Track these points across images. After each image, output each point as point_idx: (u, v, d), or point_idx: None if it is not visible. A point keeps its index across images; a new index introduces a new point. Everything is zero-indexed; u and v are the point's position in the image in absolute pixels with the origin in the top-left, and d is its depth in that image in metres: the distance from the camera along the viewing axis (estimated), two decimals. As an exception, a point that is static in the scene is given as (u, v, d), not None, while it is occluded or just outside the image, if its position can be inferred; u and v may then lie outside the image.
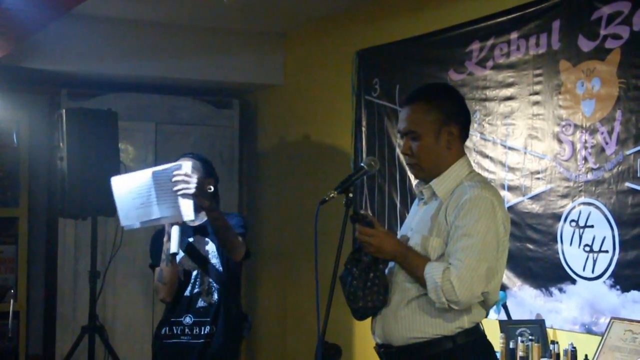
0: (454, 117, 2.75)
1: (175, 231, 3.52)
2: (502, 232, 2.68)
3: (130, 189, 3.47)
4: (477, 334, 2.73)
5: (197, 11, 5.46)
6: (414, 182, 2.91)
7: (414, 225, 2.81)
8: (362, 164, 2.81)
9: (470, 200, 2.63)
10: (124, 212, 3.49)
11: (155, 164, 5.95)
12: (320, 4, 5.26)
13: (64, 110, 4.69)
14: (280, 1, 5.24)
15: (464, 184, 2.71)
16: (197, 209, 3.51)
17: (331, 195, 2.68)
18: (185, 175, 3.42)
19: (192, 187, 3.40)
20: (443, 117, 2.73)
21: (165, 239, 3.58)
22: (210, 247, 3.67)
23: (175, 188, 3.43)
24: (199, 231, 3.70)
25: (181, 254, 3.66)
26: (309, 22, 5.69)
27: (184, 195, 3.42)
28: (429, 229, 2.70)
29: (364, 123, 5.11)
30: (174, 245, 3.52)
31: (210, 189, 3.72)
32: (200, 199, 3.43)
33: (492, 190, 2.73)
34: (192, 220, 3.58)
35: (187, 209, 3.44)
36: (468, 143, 4.26)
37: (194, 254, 3.67)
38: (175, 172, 3.44)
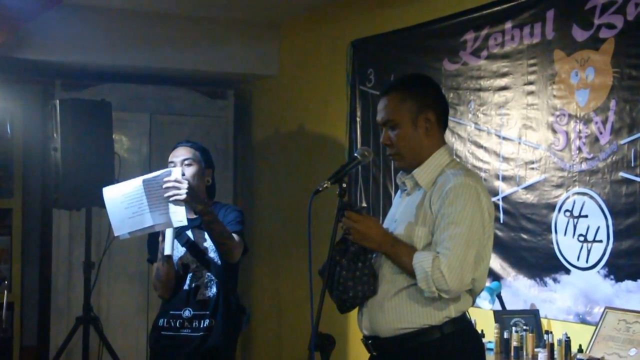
0: (430, 104, 2.77)
1: (169, 233, 3.52)
2: (487, 218, 2.69)
3: (121, 198, 3.46)
4: (463, 322, 2.74)
5: (192, 1, 5.44)
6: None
7: (398, 216, 2.81)
8: (355, 154, 2.81)
9: (455, 188, 2.64)
10: (117, 221, 3.48)
11: (150, 155, 6.01)
12: (314, -6, 5.25)
13: (57, 101, 4.67)
14: (275, -9, 5.23)
15: (447, 172, 2.71)
16: (192, 209, 3.51)
17: (325, 186, 2.68)
18: (176, 181, 3.42)
19: (183, 193, 3.40)
20: (419, 104, 2.75)
21: (160, 238, 3.57)
22: (209, 241, 3.67)
23: (167, 194, 3.42)
24: (198, 225, 3.69)
25: (179, 249, 3.66)
26: (304, 12, 5.67)
27: (176, 202, 3.42)
28: (414, 219, 2.70)
29: (358, 113, 5.11)
30: (167, 247, 3.52)
31: (209, 181, 3.71)
32: (192, 204, 3.43)
33: (475, 178, 2.74)
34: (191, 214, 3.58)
35: (179, 215, 3.44)
36: (462, 133, 4.28)
37: (193, 247, 3.66)
38: (165, 179, 3.43)
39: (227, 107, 6.40)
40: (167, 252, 3.53)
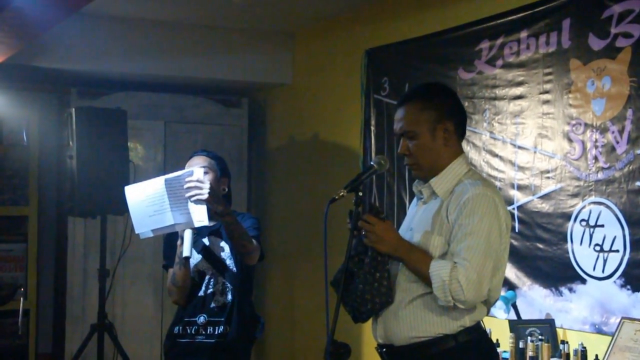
0: (449, 114, 2.76)
1: (188, 235, 3.53)
2: (504, 229, 2.69)
3: (143, 197, 3.48)
4: (478, 332, 2.73)
5: (206, 10, 5.46)
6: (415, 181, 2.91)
7: (414, 225, 2.80)
8: (372, 163, 2.81)
9: (473, 198, 2.63)
10: (138, 220, 3.50)
11: (165, 163, 6.03)
12: (329, 3, 5.25)
13: (73, 109, 4.70)
14: (289, 0, 5.24)
15: (464, 182, 2.71)
16: (211, 214, 3.51)
17: (341, 194, 2.68)
18: (198, 181, 3.43)
19: (204, 193, 3.41)
20: (438, 114, 2.74)
21: (178, 242, 3.58)
22: (225, 248, 3.68)
23: (188, 194, 3.43)
24: (214, 232, 3.70)
25: (195, 255, 3.67)
26: (318, 21, 5.69)
27: (197, 201, 3.43)
28: (430, 228, 2.70)
29: (373, 122, 5.11)
30: (186, 249, 3.53)
31: (225, 190, 3.72)
32: (214, 204, 3.44)
33: (492, 188, 2.73)
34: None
35: (200, 215, 3.45)
36: (477, 142, 4.27)
37: (209, 255, 3.67)
38: (187, 179, 3.44)
39: (242, 116, 6.42)
40: (185, 253, 3.54)
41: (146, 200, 3.47)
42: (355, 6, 5.25)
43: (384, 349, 2.78)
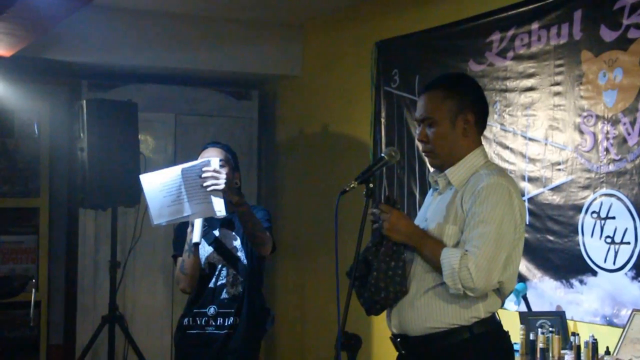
0: (471, 105, 2.76)
1: (198, 221, 3.54)
2: (519, 219, 2.68)
3: (160, 187, 3.48)
4: (493, 323, 2.73)
5: (217, 2, 5.46)
6: (431, 171, 2.91)
7: (429, 215, 2.80)
8: (382, 155, 2.82)
9: (487, 187, 2.63)
10: (156, 210, 3.49)
11: (175, 155, 6.05)
12: (339, -6, 5.26)
13: (84, 101, 4.72)
14: (300, -8, 5.25)
15: (480, 172, 2.71)
16: (226, 204, 3.52)
17: (351, 186, 2.69)
18: (214, 171, 3.43)
19: (221, 183, 3.41)
20: (460, 104, 2.74)
21: (189, 229, 3.59)
22: (237, 240, 3.69)
23: (205, 184, 3.44)
24: (225, 224, 3.71)
25: (206, 247, 3.67)
26: (328, 13, 5.68)
27: (214, 192, 3.44)
28: (445, 217, 2.70)
29: (383, 114, 5.10)
30: (196, 235, 3.54)
31: (237, 183, 3.73)
32: (230, 194, 3.45)
33: (508, 178, 2.73)
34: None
35: (217, 205, 3.46)
36: (488, 134, 4.26)
37: (220, 246, 3.68)
38: (204, 169, 3.45)
39: (252, 108, 6.43)
40: (195, 239, 3.54)
41: (163, 190, 3.47)
42: (366, -2, 5.25)
43: (398, 339, 2.79)
